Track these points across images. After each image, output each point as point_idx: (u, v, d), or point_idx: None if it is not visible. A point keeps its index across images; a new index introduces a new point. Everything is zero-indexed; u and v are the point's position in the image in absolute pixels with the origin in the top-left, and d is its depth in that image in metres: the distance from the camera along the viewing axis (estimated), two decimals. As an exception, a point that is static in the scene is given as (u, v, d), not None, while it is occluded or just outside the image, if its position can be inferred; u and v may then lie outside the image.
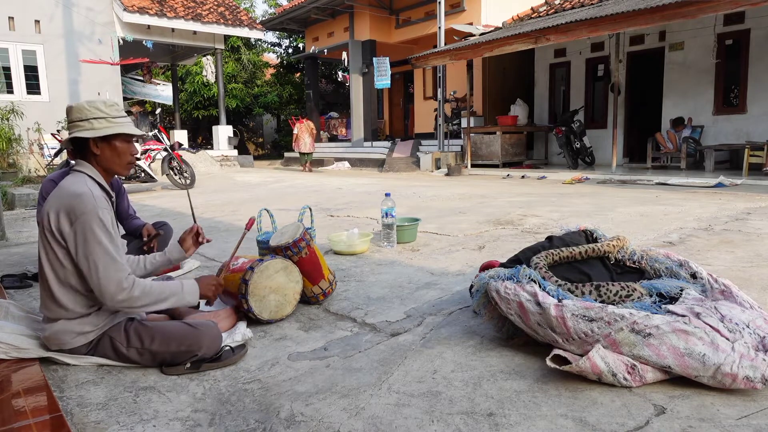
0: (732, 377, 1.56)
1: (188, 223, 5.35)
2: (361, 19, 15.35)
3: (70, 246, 1.82)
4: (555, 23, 9.24)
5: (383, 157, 13.85)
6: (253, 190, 8.95)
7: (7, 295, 2.87)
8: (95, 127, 1.90)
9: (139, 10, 13.01)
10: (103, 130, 1.90)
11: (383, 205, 3.78)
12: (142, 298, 1.86)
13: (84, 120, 1.90)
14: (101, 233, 1.81)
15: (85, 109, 1.91)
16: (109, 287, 1.80)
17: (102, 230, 1.81)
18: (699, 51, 10.02)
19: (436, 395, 1.67)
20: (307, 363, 1.96)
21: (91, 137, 1.90)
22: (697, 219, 4.57)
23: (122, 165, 1.99)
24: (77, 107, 1.92)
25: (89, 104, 1.92)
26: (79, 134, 1.89)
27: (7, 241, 4.65)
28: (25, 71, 12.10)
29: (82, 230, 1.80)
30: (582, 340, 1.72)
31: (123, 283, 1.81)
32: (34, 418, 1.58)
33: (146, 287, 1.87)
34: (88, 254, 1.80)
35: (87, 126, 1.90)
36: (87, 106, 1.92)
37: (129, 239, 3.25)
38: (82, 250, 1.80)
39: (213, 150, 15.27)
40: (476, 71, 12.73)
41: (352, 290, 2.86)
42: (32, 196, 7.32)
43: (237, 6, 15.96)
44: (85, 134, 1.89)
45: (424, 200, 6.58)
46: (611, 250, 2.19)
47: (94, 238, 1.80)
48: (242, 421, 1.56)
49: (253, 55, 21.38)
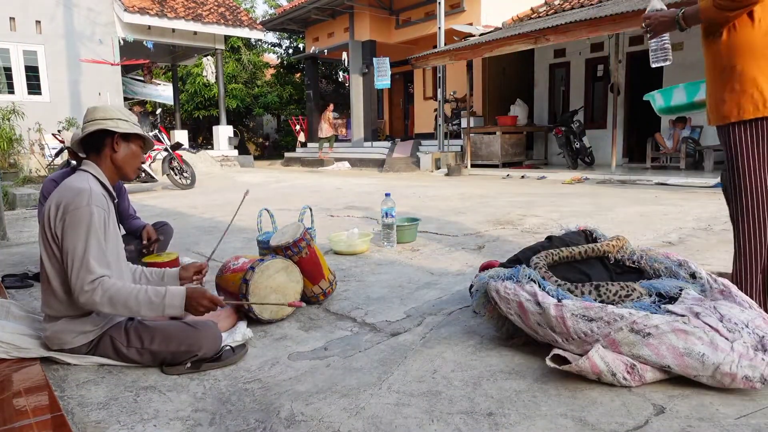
0: (731, 377, 1.56)
1: (188, 223, 5.37)
2: (361, 19, 15.35)
3: (58, 239, 1.84)
4: (555, 24, 9.24)
5: (383, 157, 13.85)
6: (253, 190, 8.94)
7: (8, 295, 2.88)
8: (120, 126, 2.00)
9: (140, 10, 13.02)
10: (128, 129, 2.01)
11: (383, 205, 3.78)
12: (106, 305, 1.81)
13: (109, 119, 1.99)
14: (86, 229, 1.82)
15: (110, 110, 2.03)
16: (75, 285, 1.81)
17: (89, 227, 1.82)
18: (698, 51, 9.98)
19: (436, 395, 1.67)
20: (307, 363, 1.97)
21: (119, 131, 1.98)
22: (696, 219, 4.57)
23: (132, 168, 2.08)
24: (103, 107, 2.03)
25: (114, 107, 2.05)
26: (108, 128, 1.97)
27: (8, 241, 4.66)
28: (26, 71, 12.10)
29: (70, 222, 1.82)
30: (581, 339, 1.73)
31: (86, 284, 1.79)
32: (35, 417, 1.59)
33: (114, 295, 1.80)
34: (67, 246, 1.82)
35: (112, 124, 1.98)
36: (112, 108, 2.04)
37: (129, 239, 3.25)
38: (64, 242, 1.83)
39: (213, 150, 15.28)
40: (476, 71, 12.73)
41: (352, 290, 2.87)
42: (33, 196, 7.32)
43: (237, 6, 15.96)
44: (113, 129, 1.98)
45: (424, 200, 6.58)
46: (611, 250, 2.19)
47: (77, 231, 1.81)
48: (242, 421, 1.57)
49: (253, 55, 21.39)
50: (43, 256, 1.90)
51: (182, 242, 4.23)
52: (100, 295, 1.79)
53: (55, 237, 1.85)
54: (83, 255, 1.81)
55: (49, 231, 1.86)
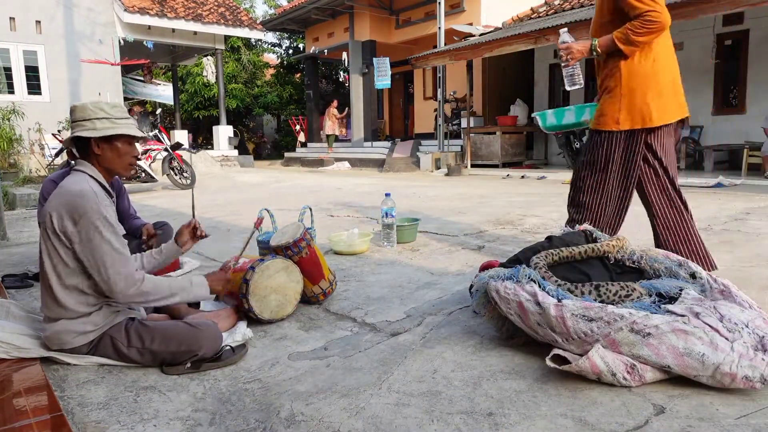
0: (731, 377, 1.56)
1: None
2: (361, 19, 15.35)
3: (75, 245, 1.83)
4: (555, 24, 9.24)
5: (383, 157, 13.85)
6: (253, 190, 8.96)
7: (8, 295, 2.88)
8: (97, 127, 1.92)
9: (140, 10, 13.02)
10: (104, 131, 1.92)
11: (383, 205, 3.78)
12: (153, 292, 1.90)
13: (87, 120, 1.92)
14: (106, 230, 1.83)
15: (89, 109, 1.93)
16: (119, 283, 1.83)
17: (106, 227, 1.83)
18: (698, 51, 10.01)
19: (436, 395, 1.67)
20: (307, 363, 1.97)
21: (93, 137, 1.91)
22: (696, 219, 4.56)
23: (123, 166, 2.00)
24: (81, 107, 1.94)
25: (93, 105, 1.95)
26: (81, 134, 1.91)
27: (8, 241, 4.66)
28: (26, 71, 12.11)
29: (86, 229, 1.81)
30: (581, 339, 1.73)
31: (133, 277, 1.85)
32: (35, 417, 1.58)
33: (156, 281, 1.93)
34: (94, 252, 1.82)
35: (89, 126, 1.92)
36: (90, 106, 1.94)
37: (129, 239, 3.25)
38: (89, 249, 1.82)
39: (213, 150, 15.28)
40: (476, 71, 12.73)
41: (352, 290, 2.87)
42: (33, 196, 7.32)
43: (237, 6, 15.97)
44: (87, 134, 1.91)
45: (424, 200, 6.58)
46: (611, 250, 2.19)
47: (100, 235, 1.81)
48: (242, 421, 1.57)
49: (253, 55, 21.39)
50: (44, 259, 1.89)
51: (182, 242, 4.22)
52: (147, 284, 1.88)
53: (64, 241, 1.83)
54: (116, 252, 1.84)
55: (54, 234, 1.84)
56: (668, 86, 2.57)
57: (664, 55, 2.56)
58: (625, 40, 2.45)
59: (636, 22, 2.40)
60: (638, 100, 2.53)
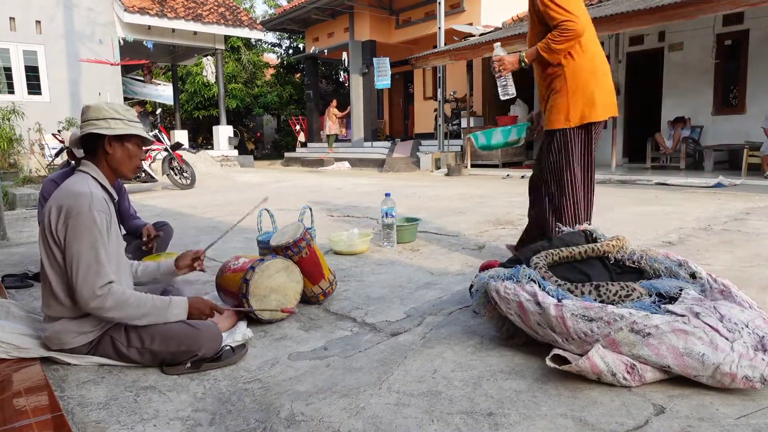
0: (731, 377, 1.56)
1: (188, 223, 5.37)
2: (361, 19, 15.35)
3: (60, 243, 1.83)
4: (555, 23, 9.23)
5: (383, 157, 13.85)
6: (253, 190, 8.96)
7: (8, 295, 2.88)
8: (112, 126, 1.94)
9: (140, 10, 13.02)
10: (119, 130, 1.95)
11: (383, 205, 3.78)
12: (115, 310, 1.82)
13: (101, 119, 1.94)
14: (91, 235, 1.81)
15: (104, 109, 1.96)
16: (83, 291, 1.80)
17: (92, 232, 1.81)
18: (698, 51, 10.02)
19: (436, 395, 1.67)
20: (307, 363, 1.97)
21: (109, 134, 1.93)
22: (696, 219, 4.57)
23: (130, 168, 2.03)
24: (96, 106, 1.96)
25: (108, 105, 1.97)
26: (97, 131, 1.93)
27: (8, 241, 4.66)
28: (26, 71, 12.10)
29: (73, 228, 1.81)
30: (581, 339, 1.73)
31: (97, 290, 1.80)
32: (35, 417, 1.58)
33: (123, 300, 1.83)
34: (72, 253, 1.81)
35: (104, 125, 1.94)
36: (106, 106, 1.97)
37: (129, 239, 3.25)
38: (70, 251, 1.81)
39: (213, 150, 15.28)
40: (476, 71, 12.73)
41: (352, 290, 2.87)
42: (33, 196, 7.32)
43: (237, 6, 15.96)
44: (103, 131, 1.93)
45: (424, 200, 6.58)
46: (611, 250, 2.19)
47: (83, 238, 1.81)
48: (242, 421, 1.57)
49: (253, 55, 21.39)
50: (43, 257, 1.90)
51: (182, 242, 4.23)
52: (109, 301, 1.81)
53: (57, 241, 1.84)
54: (91, 262, 1.80)
55: (50, 234, 1.85)
56: (608, 82, 2.86)
57: (599, 53, 2.84)
58: (547, 49, 2.72)
59: (555, 32, 2.67)
60: (586, 95, 2.78)
